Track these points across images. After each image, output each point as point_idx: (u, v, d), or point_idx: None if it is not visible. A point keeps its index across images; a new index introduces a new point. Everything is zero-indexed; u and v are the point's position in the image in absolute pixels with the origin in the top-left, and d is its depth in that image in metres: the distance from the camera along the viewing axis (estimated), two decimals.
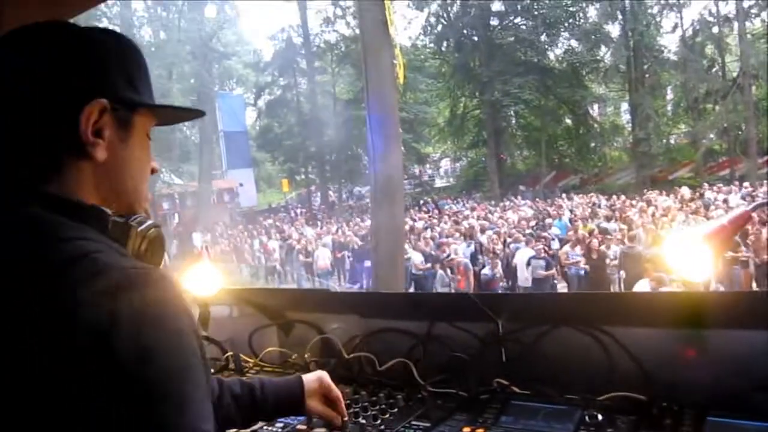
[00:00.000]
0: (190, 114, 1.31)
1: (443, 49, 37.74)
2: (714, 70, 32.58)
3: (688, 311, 1.81)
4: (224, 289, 2.86)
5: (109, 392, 0.80)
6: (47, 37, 1.01)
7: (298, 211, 38.70)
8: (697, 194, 21.55)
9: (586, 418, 1.74)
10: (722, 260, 11.18)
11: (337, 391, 1.79)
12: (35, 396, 0.80)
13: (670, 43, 33.42)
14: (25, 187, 0.97)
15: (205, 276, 2.75)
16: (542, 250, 14.56)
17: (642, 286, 10.12)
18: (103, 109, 0.99)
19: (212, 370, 2.66)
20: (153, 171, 1.17)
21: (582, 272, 13.95)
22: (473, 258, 15.91)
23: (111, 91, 1.00)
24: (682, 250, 1.75)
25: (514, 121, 37.43)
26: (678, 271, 1.78)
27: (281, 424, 1.99)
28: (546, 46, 35.52)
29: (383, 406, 1.98)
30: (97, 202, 1.02)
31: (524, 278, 14.02)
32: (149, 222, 1.07)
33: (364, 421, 1.91)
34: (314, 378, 1.76)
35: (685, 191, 22.46)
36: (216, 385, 1.54)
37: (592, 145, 36.37)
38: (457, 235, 18.80)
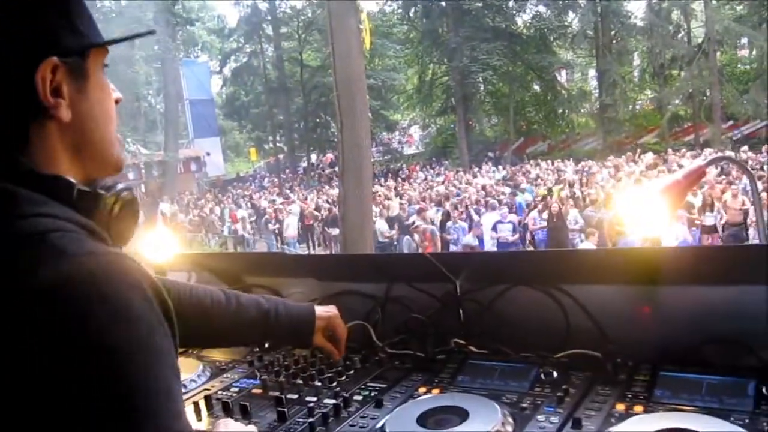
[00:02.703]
0: (138, 35, 1.24)
1: (411, 14, 37.41)
2: (680, 36, 32.79)
3: (643, 267, 1.81)
4: (181, 254, 2.81)
5: (62, 387, 0.77)
6: None
7: (266, 180, 38.37)
8: (662, 159, 21.81)
9: (542, 375, 1.74)
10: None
11: (343, 328, 1.87)
12: None
13: (637, 9, 33.54)
14: None
15: (159, 241, 2.70)
16: (507, 214, 14.67)
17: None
18: (55, 67, 0.93)
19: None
20: (117, 101, 1.12)
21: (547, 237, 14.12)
22: (442, 225, 15.97)
23: (58, 45, 0.95)
24: (637, 206, 1.75)
25: (482, 88, 37.34)
26: (634, 226, 1.78)
27: (236, 389, 1.97)
28: (514, 12, 35.41)
29: (340, 368, 1.97)
30: (69, 163, 0.98)
31: (490, 244, 14.11)
32: (118, 187, 1.04)
33: (319, 384, 1.89)
34: (325, 316, 1.82)
35: (649, 157, 22.72)
36: (222, 296, 1.66)
37: (560, 111, 36.51)
38: (427, 202, 18.84)
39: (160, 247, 2.65)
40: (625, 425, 1.42)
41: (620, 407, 1.53)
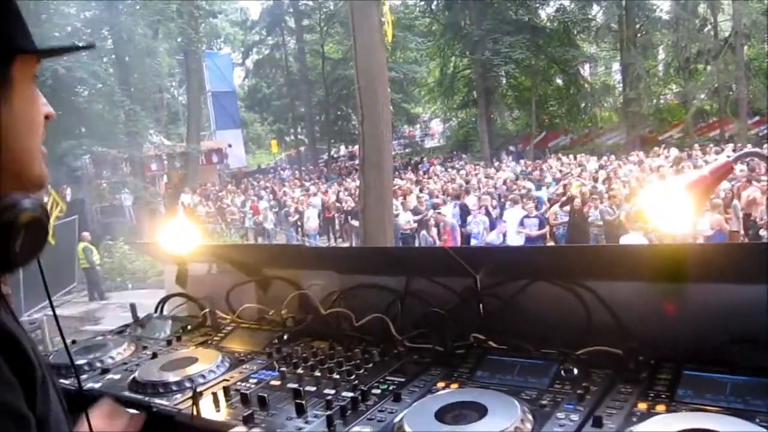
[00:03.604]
0: (76, 48, 1.25)
1: (433, 7, 37.18)
2: (706, 29, 32.25)
3: (667, 264, 1.78)
4: (202, 245, 2.82)
5: None
6: None
7: (287, 171, 38.48)
8: (686, 154, 21.49)
9: (562, 372, 1.73)
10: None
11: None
12: None
13: (662, 2, 33.04)
14: None
15: (181, 232, 2.71)
16: (533, 209, 14.56)
17: (629, 239, 10.13)
18: None
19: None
20: (47, 117, 1.05)
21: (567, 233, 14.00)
22: (462, 219, 15.90)
23: None
24: (662, 202, 1.72)
25: (504, 81, 37.02)
26: (658, 223, 1.75)
27: (255, 380, 1.98)
28: (537, 5, 34.99)
29: (358, 361, 1.97)
30: None
31: (514, 238, 13.99)
32: (24, 204, 0.96)
33: (338, 377, 1.89)
34: None
35: (674, 152, 22.41)
36: None
37: (583, 105, 36.10)
38: (445, 195, 18.76)
39: (181, 239, 2.67)
40: (647, 424, 1.40)
41: (642, 406, 1.51)
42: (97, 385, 2.10)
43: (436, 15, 37.05)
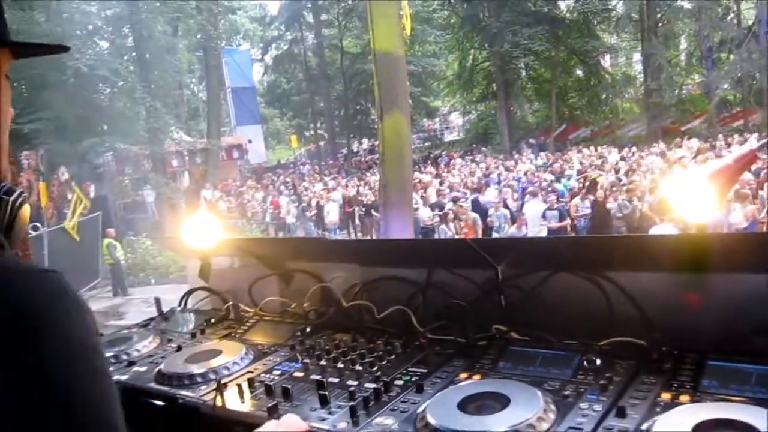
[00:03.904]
0: (51, 48, 1.22)
1: (452, 0, 37.05)
2: (729, 18, 31.79)
3: (689, 254, 1.77)
4: (225, 239, 2.85)
5: (26, 403, 0.78)
6: None
7: (307, 166, 38.59)
8: (709, 145, 21.22)
9: (585, 363, 1.72)
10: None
11: None
12: None
13: None
14: None
15: (204, 227, 2.74)
16: (554, 202, 14.49)
17: (659, 230, 10.01)
18: None
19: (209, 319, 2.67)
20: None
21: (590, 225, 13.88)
22: (483, 212, 15.86)
23: None
24: (685, 191, 1.71)
25: (524, 73, 36.81)
26: (681, 212, 1.74)
27: (279, 372, 2.00)
28: None
29: (381, 353, 1.98)
30: None
31: (536, 231, 13.92)
32: (17, 191, 1.01)
33: (360, 368, 1.90)
34: None
35: (694, 143, 22.13)
36: None
37: (604, 96, 35.77)
38: (466, 189, 18.73)
39: (204, 233, 2.70)
40: (672, 414, 1.39)
41: (666, 396, 1.50)
42: (123, 377, 2.13)
43: (455, 7, 36.87)
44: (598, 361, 1.71)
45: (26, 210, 1.03)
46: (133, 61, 28.95)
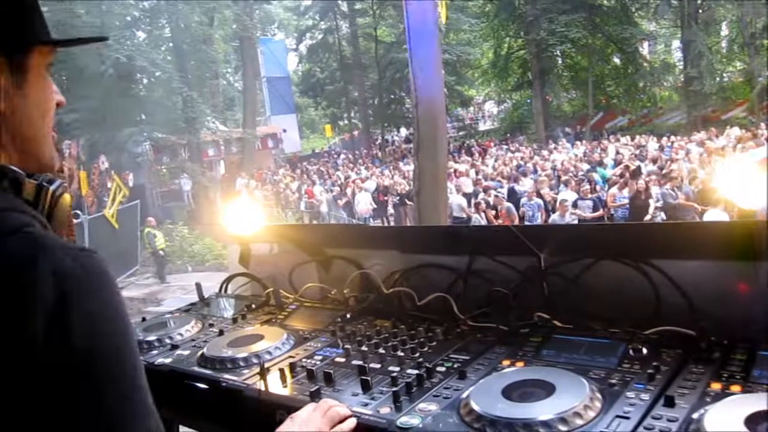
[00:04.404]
0: (89, 39, 1.30)
1: None
2: None
3: (739, 242, 1.72)
4: (265, 226, 2.87)
5: (63, 373, 0.83)
6: None
7: (342, 156, 38.69)
8: (752, 134, 20.70)
9: (631, 351, 1.70)
10: None
11: None
12: None
13: None
14: None
15: (246, 214, 2.77)
16: (588, 191, 14.28)
17: (712, 215, 9.83)
18: None
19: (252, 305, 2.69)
20: (59, 105, 1.12)
21: (629, 214, 13.65)
22: (517, 202, 15.75)
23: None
24: (735, 178, 1.67)
25: (560, 61, 36.30)
26: (731, 199, 1.70)
27: (320, 357, 2.01)
28: None
29: (422, 339, 1.98)
30: (6, 157, 1.01)
31: (568, 221, 13.76)
32: (57, 182, 1.07)
33: (402, 354, 1.90)
34: None
35: (735, 131, 21.61)
36: None
37: (642, 84, 35.16)
38: (500, 179, 18.59)
39: (245, 220, 2.72)
40: (724, 405, 1.36)
41: (716, 386, 1.47)
42: (167, 361, 2.17)
43: None
44: (644, 350, 1.69)
45: (66, 199, 1.10)
46: (170, 52, 29.31)
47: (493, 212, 14.79)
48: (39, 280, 0.84)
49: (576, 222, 13.54)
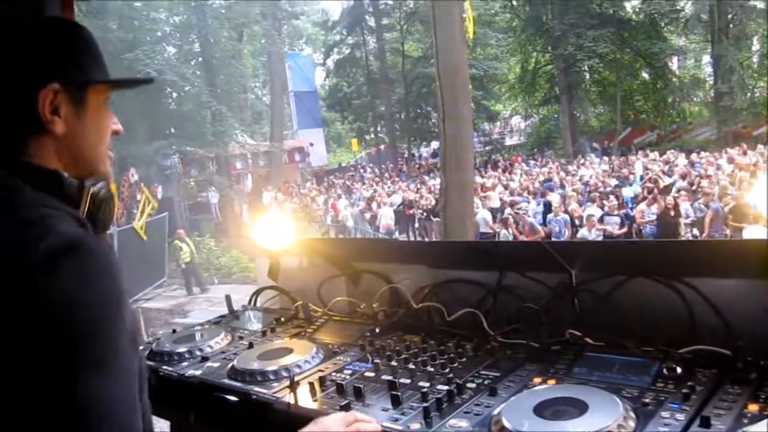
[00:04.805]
0: (138, 82, 1.58)
1: (514, 2, 36.66)
2: None
3: None
4: (294, 240, 2.89)
5: (38, 336, 0.94)
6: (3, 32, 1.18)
7: (368, 170, 38.80)
8: None
9: (665, 371, 1.68)
10: None
11: None
12: None
13: None
14: None
15: (276, 228, 2.78)
16: (615, 207, 14.15)
17: (752, 232, 9.68)
18: (56, 91, 1.15)
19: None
20: (116, 133, 1.32)
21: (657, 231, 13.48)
22: (543, 217, 15.65)
23: (62, 75, 1.17)
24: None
25: (588, 76, 36.13)
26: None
27: (349, 371, 2.01)
28: None
29: (452, 355, 1.97)
30: (59, 168, 1.19)
31: (594, 236, 13.61)
32: (100, 184, 1.25)
33: (432, 370, 1.90)
34: None
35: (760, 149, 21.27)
36: None
37: (671, 99, 34.84)
38: (526, 194, 18.50)
39: (275, 233, 2.74)
40: (762, 425, 1.34)
41: (753, 407, 1.44)
42: (197, 372, 2.18)
43: (517, 10, 36.55)
44: (679, 370, 1.66)
45: (111, 203, 1.29)
46: (199, 66, 29.72)
47: (518, 228, 14.72)
48: (36, 261, 0.97)
49: (602, 238, 13.42)
